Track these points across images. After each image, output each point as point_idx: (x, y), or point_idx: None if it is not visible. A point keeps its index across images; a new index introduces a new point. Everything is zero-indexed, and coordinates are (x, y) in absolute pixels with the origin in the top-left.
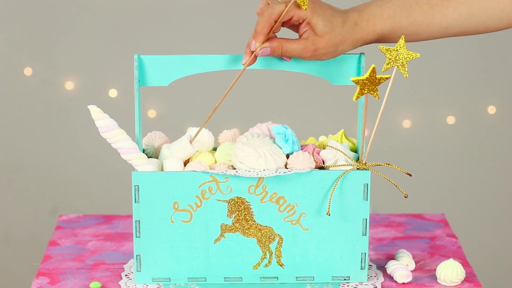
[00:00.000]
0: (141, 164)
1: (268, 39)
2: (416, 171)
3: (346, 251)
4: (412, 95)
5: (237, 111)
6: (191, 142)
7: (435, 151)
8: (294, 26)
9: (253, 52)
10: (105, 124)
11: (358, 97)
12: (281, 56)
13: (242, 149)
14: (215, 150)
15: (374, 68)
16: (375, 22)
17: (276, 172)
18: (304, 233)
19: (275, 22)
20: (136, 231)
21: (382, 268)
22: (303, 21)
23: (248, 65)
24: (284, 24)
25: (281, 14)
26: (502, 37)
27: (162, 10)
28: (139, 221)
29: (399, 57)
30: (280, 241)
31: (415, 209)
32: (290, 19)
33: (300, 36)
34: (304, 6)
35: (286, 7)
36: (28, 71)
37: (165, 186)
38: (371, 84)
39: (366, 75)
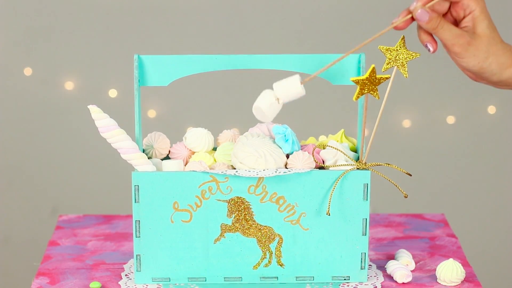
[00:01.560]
0: (141, 164)
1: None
2: (416, 171)
3: (346, 251)
4: (412, 95)
5: (237, 111)
6: (302, 84)
7: (435, 151)
8: (455, 19)
9: (409, 13)
10: (105, 124)
11: (358, 97)
12: (427, 41)
13: (242, 149)
14: (215, 150)
15: (374, 68)
16: None
17: (276, 172)
18: (304, 233)
19: None
20: (136, 231)
21: (382, 268)
22: (470, 13)
23: (397, 27)
24: (449, 8)
25: None
26: (502, 37)
27: (162, 10)
28: (139, 221)
29: (399, 57)
30: (280, 241)
31: (415, 209)
32: (459, 2)
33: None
34: None
35: None
36: (28, 71)
37: (165, 186)
38: (371, 84)
39: (366, 75)
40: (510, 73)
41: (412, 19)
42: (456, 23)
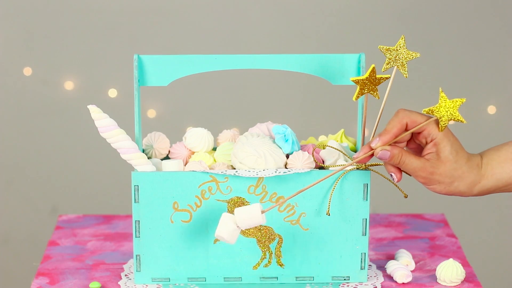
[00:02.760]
0: (141, 164)
1: (390, 144)
2: None
3: (346, 251)
4: (412, 95)
5: (237, 111)
6: (262, 212)
7: None
8: (419, 144)
9: (371, 149)
10: (104, 124)
11: (358, 97)
12: (392, 171)
13: (242, 149)
14: (215, 150)
15: (374, 68)
16: (493, 166)
17: (276, 172)
18: (304, 233)
19: (406, 127)
20: (135, 231)
21: (382, 268)
22: (432, 140)
23: (358, 162)
24: (411, 137)
25: (417, 123)
26: (502, 37)
27: (162, 10)
28: (139, 221)
29: (399, 57)
30: (280, 241)
31: (415, 209)
32: (421, 132)
33: (422, 156)
34: (442, 128)
35: (425, 120)
36: (27, 71)
37: (165, 186)
38: (371, 84)
39: (366, 75)
40: (480, 188)
41: (373, 154)
42: (421, 148)
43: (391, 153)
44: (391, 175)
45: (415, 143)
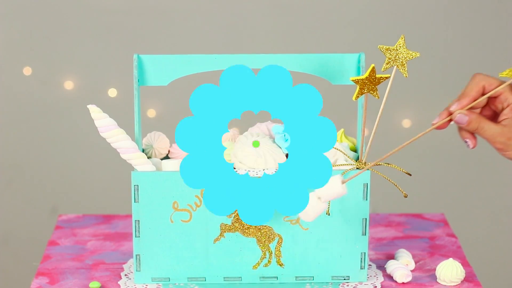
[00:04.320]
0: (141, 163)
1: (468, 109)
2: (416, 171)
3: (346, 251)
4: (412, 94)
5: None
6: (342, 183)
7: (435, 151)
8: (494, 110)
9: (449, 114)
10: (104, 123)
11: (357, 97)
12: (466, 137)
13: (242, 149)
14: None
15: (373, 67)
16: None
17: (275, 172)
18: (304, 232)
19: (483, 90)
20: (135, 231)
21: (381, 268)
22: (508, 105)
23: (437, 128)
24: (486, 103)
25: (494, 85)
26: (501, 37)
27: (162, 10)
28: (139, 221)
29: (398, 57)
30: (280, 241)
31: (415, 209)
32: (497, 97)
33: (498, 122)
34: None
35: (502, 84)
36: (27, 71)
37: (165, 186)
38: (371, 83)
39: (366, 74)
40: None
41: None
42: (496, 114)
43: (469, 117)
44: (466, 141)
45: (490, 110)
